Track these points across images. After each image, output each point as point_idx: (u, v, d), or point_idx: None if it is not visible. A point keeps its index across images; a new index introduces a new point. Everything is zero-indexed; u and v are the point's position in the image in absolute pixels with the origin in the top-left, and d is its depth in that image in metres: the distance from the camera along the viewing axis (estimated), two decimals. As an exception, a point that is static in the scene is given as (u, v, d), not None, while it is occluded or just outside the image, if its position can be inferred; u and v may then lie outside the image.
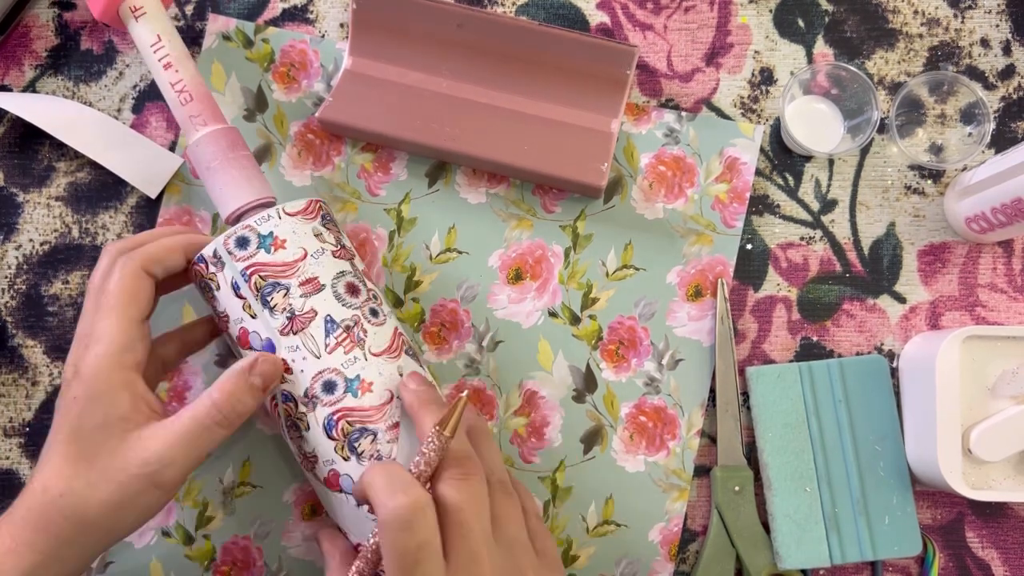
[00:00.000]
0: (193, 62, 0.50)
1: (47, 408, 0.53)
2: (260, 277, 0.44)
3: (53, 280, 0.54)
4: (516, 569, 0.40)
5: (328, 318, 0.44)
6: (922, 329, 0.53)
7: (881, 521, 0.50)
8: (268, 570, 0.51)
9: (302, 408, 0.43)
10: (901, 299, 0.54)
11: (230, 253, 0.44)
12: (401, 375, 0.44)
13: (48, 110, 0.53)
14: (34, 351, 0.54)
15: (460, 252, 0.54)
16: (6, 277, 0.54)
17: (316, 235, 0.46)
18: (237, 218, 0.47)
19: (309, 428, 0.43)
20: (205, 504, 0.52)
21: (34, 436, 0.53)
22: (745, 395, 0.53)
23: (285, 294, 0.44)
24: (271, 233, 0.44)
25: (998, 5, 0.56)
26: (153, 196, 0.54)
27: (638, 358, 0.53)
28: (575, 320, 0.53)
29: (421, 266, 0.54)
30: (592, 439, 0.52)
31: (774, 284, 0.54)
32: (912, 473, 0.50)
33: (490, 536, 0.39)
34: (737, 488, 0.51)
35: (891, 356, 0.53)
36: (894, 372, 0.53)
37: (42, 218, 0.55)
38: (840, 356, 0.53)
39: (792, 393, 0.51)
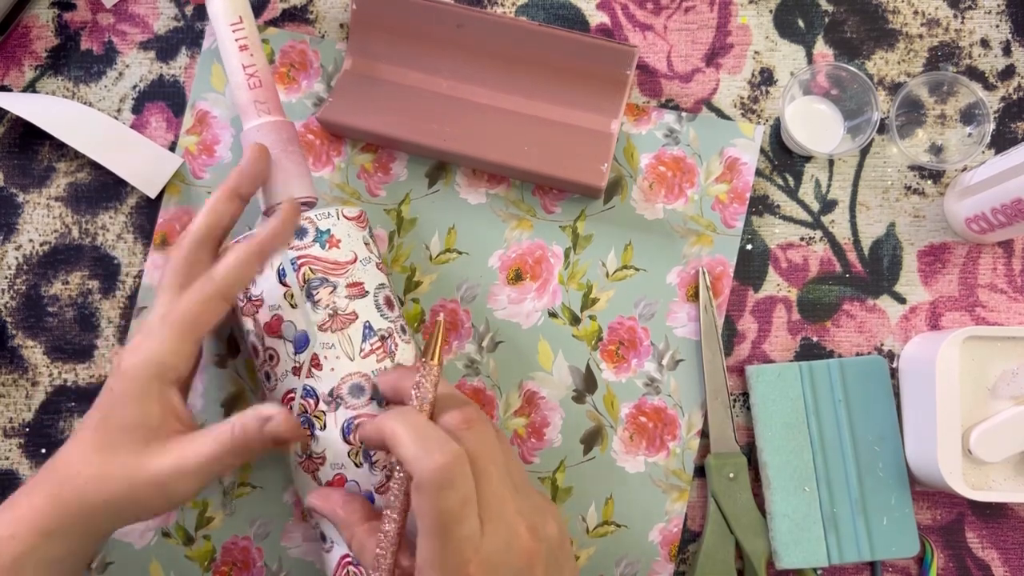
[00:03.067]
0: (263, 50, 0.50)
1: (47, 408, 0.53)
2: (310, 269, 0.45)
3: (53, 280, 0.54)
4: (535, 507, 0.40)
5: (367, 324, 0.44)
6: (922, 329, 0.53)
7: (879, 521, 0.50)
8: (268, 570, 0.51)
9: (323, 406, 0.43)
10: (901, 299, 0.54)
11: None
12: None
13: (48, 110, 0.53)
14: (34, 351, 0.54)
15: (460, 252, 0.54)
16: (6, 277, 0.54)
17: (365, 243, 0.47)
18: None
19: (325, 428, 0.43)
20: (205, 504, 0.52)
21: (34, 436, 0.53)
22: (745, 395, 0.53)
23: (332, 291, 0.44)
24: (328, 230, 0.46)
25: (998, 5, 0.56)
26: (153, 196, 0.54)
27: (638, 358, 0.53)
28: (575, 320, 0.53)
29: (421, 266, 0.54)
30: (592, 439, 0.52)
31: (774, 284, 0.54)
32: (911, 473, 0.50)
33: (507, 478, 0.38)
34: (731, 475, 0.51)
35: (891, 356, 0.53)
36: (894, 372, 0.53)
37: (42, 218, 0.55)
38: (840, 356, 0.53)
39: (792, 393, 0.51)
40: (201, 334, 0.42)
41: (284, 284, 0.45)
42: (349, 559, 0.43)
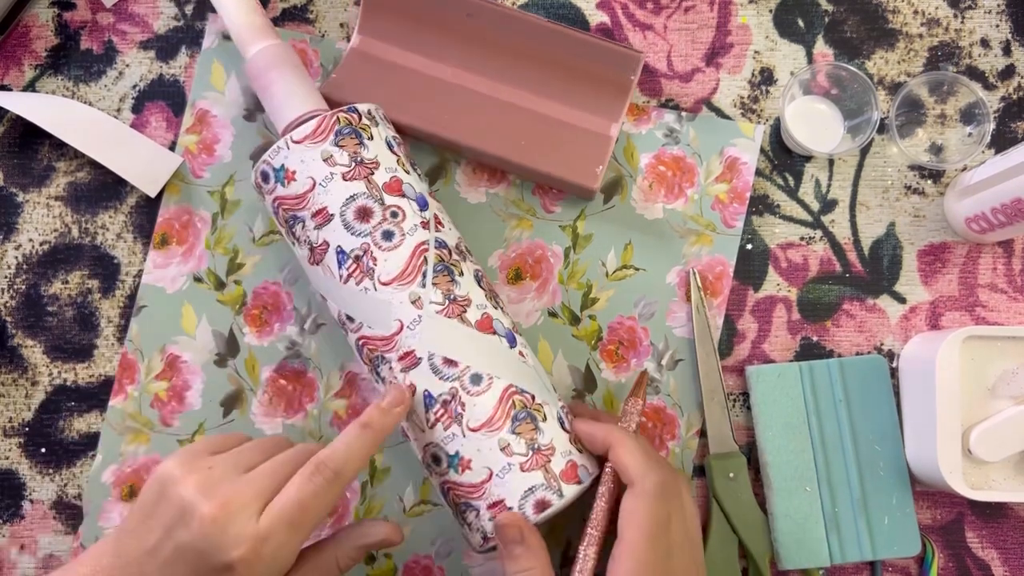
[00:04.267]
0: None
1: (47, 408, 0.53)
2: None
3: (53, 280, 0.54)
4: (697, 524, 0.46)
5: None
6: (922, 329, 0.53)
7: (881, 521, 0.50)
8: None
9: (456, 257, 0.46)
10: (901, 299, 0.54)
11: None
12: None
13: (48, 109, 0.53)
14: (34, 351, 0.54)
15: (460, 252, 0.54)
16: (6, 277, 0.54)
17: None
18: (298, 125, 0.48)
19: (463, 274, 0.46)
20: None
21: (34, 436, 0.53)
22: (745, 395, 0.53)
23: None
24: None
25: (998, 5, 0.56)
26: (153, 195, 0.54)
27: (638, 358, 0.53)
28: (575, 320, 0.53)
29: (421, 266, 0.54)
30: (592, 439, 0.52)
31: (774, 284, 0.54)
32: (912, 473, 0.50)
33: (690, 501, 0.45)
34: (732, 475, 0.51)
35: (891, 356, 0.53)
36: (894, 372, 0.53)
37: (42, 218, 0.55)
38: (840, 356, 0.53)
39: (792, 393, 0.51)
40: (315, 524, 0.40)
41: (395, 153, 0.47)
42: (514, 389, 0.44)
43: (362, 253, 0.44)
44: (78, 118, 0.54)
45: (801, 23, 0.56)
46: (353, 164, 0.45)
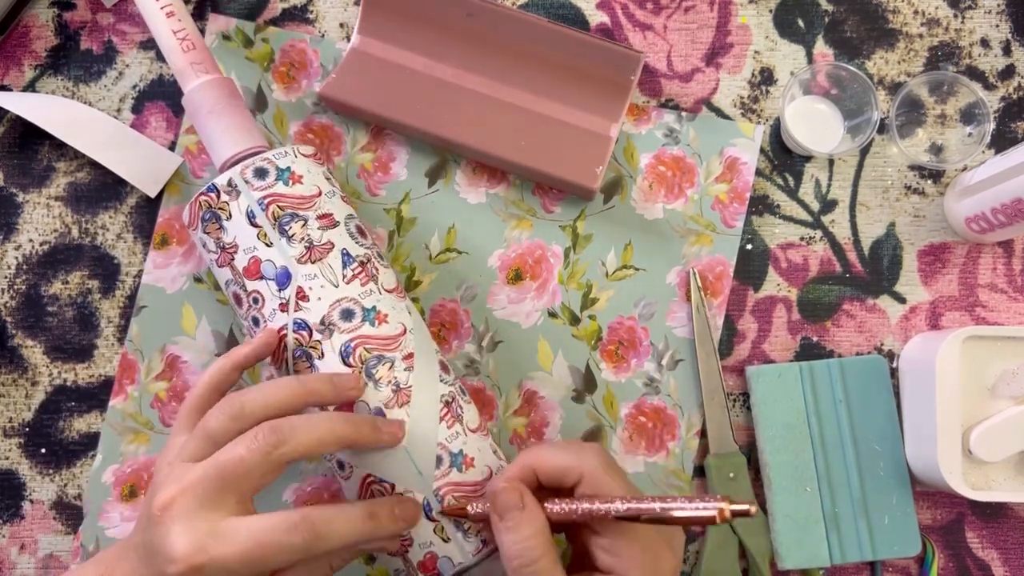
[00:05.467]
0: (190, 15, 0.51)
1: (47, 408, 0.53)
2: (278, 207, 0.45)
3: (53, 280, 0.54)
4: None
5: (344, 251, 0.45)
6: (922, 329, 0.53)
7: (881, 521, 0.50)
8: None
9: (317, 336, 0.43)
10: (901, 299, 0.54)
11: (247, 182, 0.45)
12: (409, 313, 0.46)
13: (48, 110, 0.53)
14: (34, 351, 0.54)
15: (460, 252, 0.54)
16: (6, 277, 0.54)
17: (326, 178, 0.47)
18: (233, 164, 0.48)
19: (323, 356, 0.43)
20: None
21: (34, 436, 0.53)
22: (745, 395, 0.53)
23: (303, 225, 0.45)
24: (289, 168, 0.46)
25: (998, 5, 0.56)
26: (153, 196, 0.54)
27: (638, 358, 0.53)
28: (575, 320, 0.53)
29: (421, 266, 0.54)
30: (592, 439, 0.52)
31: (774, 284, 0.54)
32: (912, 473, 0.50)
33: None
34: (732, 475, 0.51)
35: (891, 356, 0.53)
36: (894, 372, 0.53)
37: (42, 218, 0.55)
38: (840, 356, 0.53)
39: (792, 393, 0.51)
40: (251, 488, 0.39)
41: (255, 225, 0.44)
42: (372, 479, 0.43)
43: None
44: (78, 118, 0.54)
45: (801, 23, 0.56)
46: (219, 251, 0.46)
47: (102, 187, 0.55)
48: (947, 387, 0.47)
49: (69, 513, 0.52)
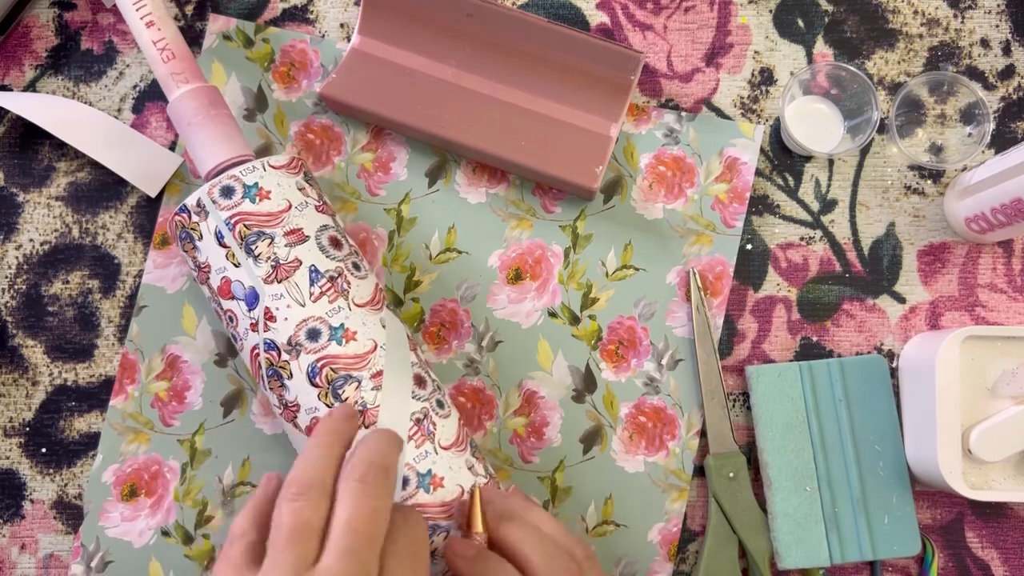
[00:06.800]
0: (174, 23, 0.50)
1: (47, 408, 0.53)
2: (244, 226, 0.44)
3: (53, 280, 0.54)
4: None
5: (312, 268, 0.44)
6: (922, 329, 0.53)
7: (881, 521, 0.50)
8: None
9: (285, 356, 0.43)
10: (901, 299, 0.54)
11: (214, 202, 0.45)
12: (384, 326, 0.45)
13: (48, 109, 0.53)
14: (34, 351, 0.54)
15: (460, 252, 0.54)
16: (6, 277, 0.54)
17: (300, 189, 0.46)
18: (217, 174, 0.47)
19: (292, 376, 0.43)
20: (205, 503, 0.52)
21: (34, 436, 0.53)
22: (745, 394, 0.53)
23: (270, 243, 0.44)
24: (256, 184, 0.45)
25: (998, 5, 0.56)
26: (153, 195, 0.54)
27: (638, 358, 0.53)
28: (575, 320, 0.53)
29: (421, 266, 0.54)
30: (591, 439, 0.52)
31: (774, 284, 0.54)
32: (912, 473, 0.50)
33: None
34: (732, 474, 0.51)
35: (891, 356, 0.53)
36: (894, 372, 0.53)
37: (42, 218, 0.55)
38: (840, 356, 0.53)
39: (792, 393, 0.51)
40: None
41: (223, 245, 0.44)
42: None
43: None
44: (78, 118, 0.54)
45: (801, 23, 0.56)
46: (196, 269, 0.46)
47: (102, 187, 0.55)
48: (947, 387, 0.47)
49: (69, 513, 0.52)
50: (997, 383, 0.49)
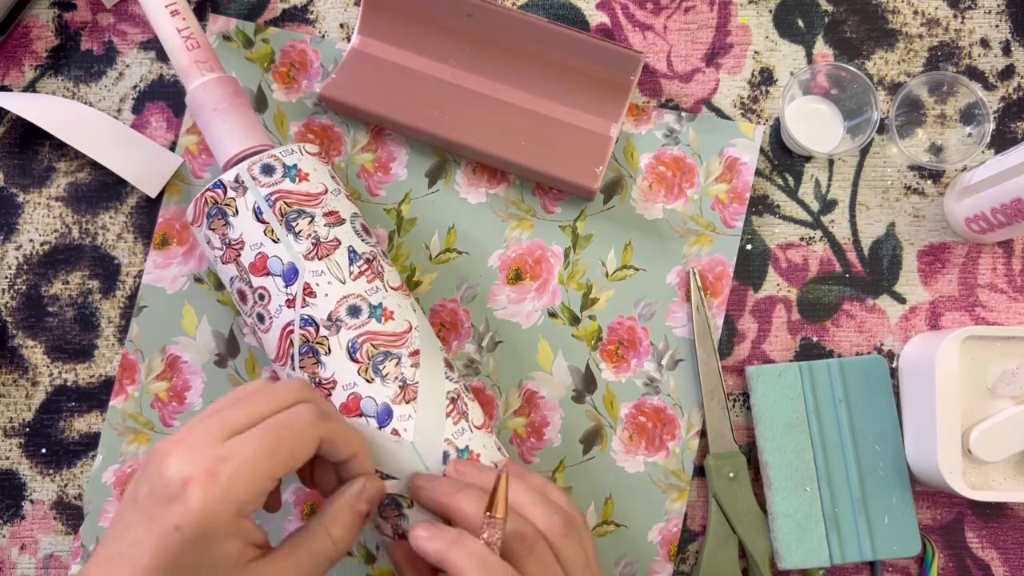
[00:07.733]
0: (192, 14, 0.51)
1: (47, 408, 0.53)
2: (285, 203, 0.45)
3: (53, 280, 0.54)
4: None
5: (351, 248, 0.45)
6: (922, 329, 0.53)
7: (881, 521, 0.50)
8: None
9: (324, 332, 0.44)
10: (901, 299, 0.54)
11: (254, 179, 0.45)
12: (414, 311, 0.46)
13: (48, 110, 0.53)
14: (34, 351, 0.54)
15: (460, 252, 0.54)
16: (6, 277, 0.54)
17: (332, 176, 0.48)
18: (237, 162, 0.48)
19: (330, 352, 0.44)
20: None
21: (34, 436, 0.53)
22: (745, 395, 0.53)
23: (310, 221, 0.45)
24: (295, 165, 0.46)
25: (998, 5, 0.56)
26: (153, 196, 0.54)
27: (638, 358, 0.53)
28: (575, 320, 0.53)
29: (421, 266, 0.54)
30: (591, 439, 0.52)
31: (774, 284, 0.54)
32: (912, 473, 0.50)
33: None
34: (731, 474, 0.51)
35: (891, 356, 0.53)
36: (894, 372, 0.53)
37: (42, 218, 0.55)
38: (840, 356, 0.53)
39: (792, 393, 0.51)
40: (287, 470, 0.37)
41: (262, 221, 0.45)
42: (379, 474, 0.43)
43: (251, 333, 0.46)
44: (78, 118, 0.54)
45: (801, 23, 0.56)
46: (224, 247, 0.46)
47: (102, 187, 0.55)
48: (947, 387, 0.48)
49: (69, 513, 0.52)
50: (997, 383, 0.49)
